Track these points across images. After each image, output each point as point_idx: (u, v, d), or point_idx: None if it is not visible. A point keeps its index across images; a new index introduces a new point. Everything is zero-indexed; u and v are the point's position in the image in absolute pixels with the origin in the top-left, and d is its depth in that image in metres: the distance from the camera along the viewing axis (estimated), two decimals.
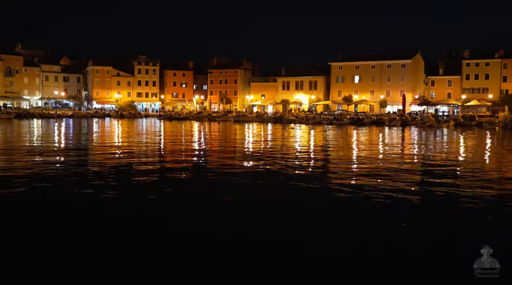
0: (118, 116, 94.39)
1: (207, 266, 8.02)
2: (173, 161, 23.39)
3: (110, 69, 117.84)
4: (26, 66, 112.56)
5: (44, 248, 8.80)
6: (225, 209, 12.16)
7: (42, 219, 10.85)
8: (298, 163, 22.21)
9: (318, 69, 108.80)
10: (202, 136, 44.38)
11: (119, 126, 60.23)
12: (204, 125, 68.65)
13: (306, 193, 14.38)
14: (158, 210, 11.97)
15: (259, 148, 30.63)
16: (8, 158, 22.77)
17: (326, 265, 8.15)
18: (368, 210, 12.07)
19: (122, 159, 23.35)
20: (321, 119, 79.57)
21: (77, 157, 23.52)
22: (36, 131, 46.57)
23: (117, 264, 8.01)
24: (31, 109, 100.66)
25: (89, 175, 17.57)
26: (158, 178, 17.35)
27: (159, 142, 34.91)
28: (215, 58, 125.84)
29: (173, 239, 9.40)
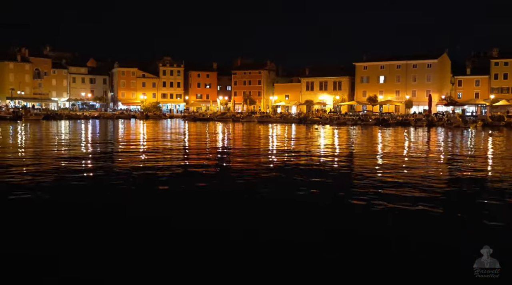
0: (143, 117, 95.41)
1: (229, 264, 8.01)
2: (196, 161, 23.49)
3: (135, 70, 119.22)
4: (54, 68, 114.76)
5: (67, 247, 8.91)
6: (246, 208, 12.14)
7: (68, 218, 11.00)
8: (322, 164, 22.06)
9: (342, 69, 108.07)
10: (225, 136, 44.51)
11: (144, 127, 60.87)
12: (228, 126, 68.85)
13: (328, 194, 14.26)
14: (181, 209, 12.02)
15: (283, 149, 30.54)
16: (37, 158, 23.20)
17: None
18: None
19: (146, 159, 23.55)
20: (346, 119, 78.97)
21: (103, 157, 23.82)
22: (64, 132, 47.38)
23: (136, 262, 8.07)
24: (59, 110, 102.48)
25: (114, 174, 17.75)
26: (181, 177, 17.43)
27: (183, 143, 35.13)
28: (239, 59, 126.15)
29: (196, 239, 9.42)
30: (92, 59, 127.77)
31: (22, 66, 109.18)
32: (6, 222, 10.61)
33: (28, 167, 19.42)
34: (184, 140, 38.17)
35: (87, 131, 49.80)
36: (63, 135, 42.39)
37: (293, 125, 70.29)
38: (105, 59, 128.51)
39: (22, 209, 11.87)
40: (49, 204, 12.54)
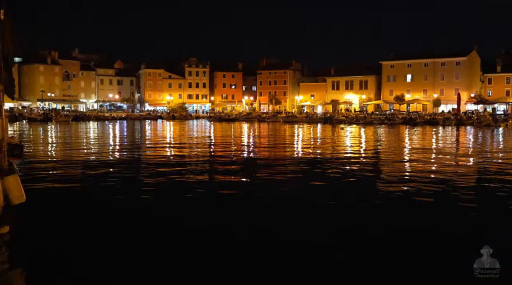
0: (169, 118, 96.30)
1: (251, 263, 7.99)
2: (221, 160, 23.54)
3: (161, 71, 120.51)
4: (82, 70, 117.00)
5: (85, 246, 9.01)
6: (269, 209, 12.10)
7: (94, 215, 11.15)
8: (348, 163, 21.85)
9: (368, 68, 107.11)
10: (251, 136, 44.55)
11: (170, 128, 61.42)
12: (253, 126, 68.92)
13: (353, 195, 14.11)
14: (202, 209, 12.05)
15: (308, 148, 30.39)
16: (67, 157, 23.62)
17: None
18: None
19: (172, 159, 23.72)
20: (372, 119, 78.23)
21: (130, 157, 24.10)
22: (92, 133, 48.18)
23: (161, 260, 8.11)
24: (87, 111, 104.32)
25: (140, 173, 17.94)
26: (207, 177, 17.49)
27: (209, 143, 35.29)
28: (264, 59, 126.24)
29: (213, 238, 9.42)
30: (119, 61, 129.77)
31: (52, 69, 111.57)
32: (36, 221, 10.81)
33: (57, 165, 19.79)
34: (210, 140, 38.35)
35: (115, 132, 50.50)
36: (92, 136, 43.08)
37: (319, 125, 69.94)
38: (132, 61, 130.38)
39: (51, 207, 12.08)
40: (77, 200, 12.74)
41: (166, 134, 48.57)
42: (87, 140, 37.07)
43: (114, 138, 40.49)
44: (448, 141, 37.46)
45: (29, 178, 15.26)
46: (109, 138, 40.40)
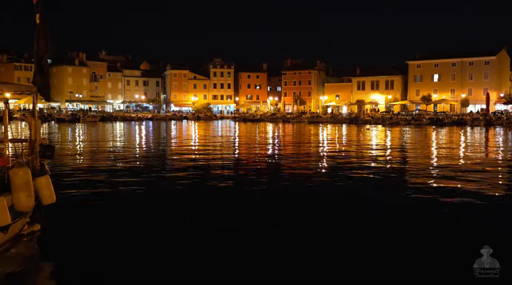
0: (194, 118, 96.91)
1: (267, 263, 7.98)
2: (246, 160, 23.58)
3: (187, 72, 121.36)
4: (109, 71, 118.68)
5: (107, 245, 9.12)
6: (292, 210, 12.07)
7: (120, 215, 11.28)
8: (374, 165, 21.64)
9: (394, 68, 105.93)
10: (275, 137, 44.50)
11: (195, 128, 61.82)
12: (278, 126, 68.86)
13: (378, 197, 13.96)
14: (229, 208, 12.09)
15: (333, 149, 30.20)
16: (94, 156, 24.00)
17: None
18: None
19: (196, 158, 23.86)
20: (398, 119, 77.29)
21: (156, 157, 24.33)
22: (119, 133, 48.82)
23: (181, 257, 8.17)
24: (114, 112, 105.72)
25: (166, 173, 18.09)
26: (232, 177, 17.55)
27: (234, 143, 35.39)
28: (289, 60, 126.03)
29: (237, 235, 9.45)
30: (145, 62, 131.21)
31: (80, 70, 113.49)
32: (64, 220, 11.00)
33: (85, 165, 20.15)
34: (235, 140, 38.45)
35: (141, 132, 51.08)
36: (119, 136, 43.67)
37: (344, 126, 69.48)
38: (158, 62, 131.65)
39: (76, 206, 12.28)
40: (104, 200, 12.92)
41: (191, 134, 48.91)
42: (114, 141, 37.58)
43: (140, 139, 40.96)
44: (476, 143, 36.75)
45: (59, 178, 15.55)
46: (135, 139, 40.89)
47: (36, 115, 9.50)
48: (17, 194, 8.10)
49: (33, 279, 7.76)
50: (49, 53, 9.51)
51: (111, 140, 38.11)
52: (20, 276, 7.70)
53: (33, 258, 8.70)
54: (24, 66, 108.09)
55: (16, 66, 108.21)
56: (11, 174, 8.11)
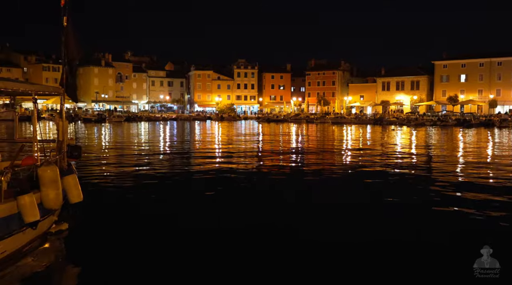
0: (218, 119, 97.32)
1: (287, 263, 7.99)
2: (270, 161, 23.60)
3: (211, 73, 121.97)
4: (134, 72, 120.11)
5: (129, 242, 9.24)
6: (316, 211, 12.04)
7: (145, 214, 11.43)
8: (398, 167, 21.41)
9: (420, 68, 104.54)
10: (299, 137, 44.38)
11: (219, 128, 62.08)
12: (301, 127, 68.65)
13: (401, 200, 13.82)
14: (250, 209, 12.12)
15: (357, 150, 29.98)
16: (119, 155, 24.33)
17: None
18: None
19: (221, 160, 23.98)
20: (424, 120, 76.26)
21: (180, 157, 24.53)
22: (144, 133, 49.36)
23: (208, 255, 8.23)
24: (139, 112, 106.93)
25: (190, 173, 18.24)
26: (254, 178, 17.59)
27: (258, 143, 35.43)
28: (313, 60, 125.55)
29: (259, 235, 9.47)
30: (170, 63, 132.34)
31: (106, 71, 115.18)
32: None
33: (111, 164, 20.47)
34: (258, 141, 38.50)
35: (165, 132, 51.53)
36: (143, 136, 44.16)
37: (368, 126, 68.88)
38: (182, 63, 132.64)
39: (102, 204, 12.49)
40: (129, 199, 13.11)
41: (215, 135, 49.13)
42: (139, 141, 38.02)
43: (165, 139, 41.33)
44: (505, 145, 36.02)
45: (85, 177, 15.83)
46: (160, 139, 41.28)
47: (63, 116, 9.69)
48: (45, 192, 8.29)
49: (59, 277, 7.92)
50: (79, 55, 9.69)
51: (136, 140, 38.56)
52: (47, 274, 7.87)
53: (60, 257, 8.89)
54: (52, 67, 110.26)
55: (44, 67, 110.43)
56: (40, 172, 8.30)
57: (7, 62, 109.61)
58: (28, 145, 11.49)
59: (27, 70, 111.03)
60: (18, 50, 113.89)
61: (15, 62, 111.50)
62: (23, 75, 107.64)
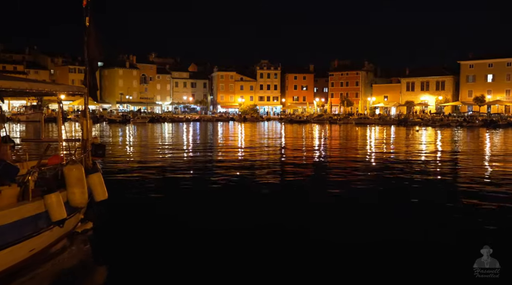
0: (241, 120, 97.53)
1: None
2: (292, 163, 23.52)
3: (233, 74, 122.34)
4: (158, 73, 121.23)
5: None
6: (337, 214, 11.96)
7: (169, 212, 11.50)
8: (422, 169, 21.12)
9: (445, 68, 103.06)
10: (322, 138, 44.16)
11: (242, 129, 62.19)
12: (324, 127, 68.32)
13: (424, 202, 13.61)
14: (272, 210, 12.10)
15: (381, 152, 29.68)
16: (145, 156, 24.58)
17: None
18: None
19: (244, 160, 23.99)
20: (449, 121, 75.11)
21: (203, 157, 24.64)
22: (168, 134, 49.76)
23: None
24: (162, 113, 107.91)
25: (212, 174, 18.30)
26: (278, 179, 17.56)
27: (280, 144, 35.38)
28: (336, 61, 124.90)
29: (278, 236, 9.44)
30: (193, 64, 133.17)
31: (130, 72, 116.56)
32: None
33: (135, 164, 20.69)
34: (281, 142, 38.43)
35: (188, 133, 51.86)
36: (167, 137, 44.52)
37: (392, 127, 68.16)
38: (205, 64, 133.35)
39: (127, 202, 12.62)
40: (153, 198, 13.22)
41: (238, 135, 49.24)
42: (162, 141, 38.34)
43: (188, 139, 41.59)
44: None
45: (110, 176, 16.01)
46: (183, 139, 41.56)
47: (87, 115, 9.81)
48: (71, 190, 8.40)
49: (85, 274, 8.03)
50: (101, 55, 9.80)
51: (160, 141, 38.90)
52: (73, 271, 7.99)
53: (87, 254, 9.03)
54: (78, 68, 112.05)
55: (70, 68, 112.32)
56: (66, 171, 8.42)
57: (35, 64, 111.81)
58: (54, 145, 11.68)
59: (54, 71, 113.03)
60: (45, 52, 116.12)
61: (42, 64, 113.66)
62: (50, 77, 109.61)
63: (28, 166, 9.60)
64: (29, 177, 7.82)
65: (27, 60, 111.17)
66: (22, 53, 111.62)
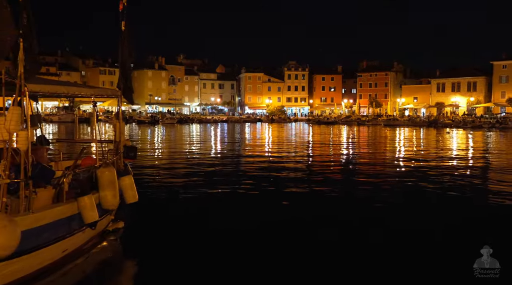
0: (268, 121, 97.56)
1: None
2: (319, 165, 23.38)
3: (261, 75, 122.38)
4: (187, 75, 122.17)
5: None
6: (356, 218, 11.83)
7: (198, 214, 11.55)
8: (453, 174, 20.71)
9: (476, 69, 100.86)
10: (350, 140, 43.80)
11: (269, 131, 62.18)
12: (352, 129, 67.76)
13: (454, 207, 13.35)
14: (302, 212, 12.04)
15: (411, 154, 29.24)
16: (174, 158, 24.80)
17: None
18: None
19: (271, 162, 23.97)
20: (481, 123, 73.51)
21: (232, 158, 24.73)
22: (196, 135, 50.12)
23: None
24: (190, 114, 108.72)
25: (240, 175, 18.34)
26: (305, 182, 17.48)
27: (308, 146, 35.25)
28: (365, 61, 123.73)
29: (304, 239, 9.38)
30: (221, 65, 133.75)
31: (159, 74, 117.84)
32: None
33: (164, 165, 20.90)
34: (309, 143, 38.28)
35: (216, 134, 52.14)
36: (195, 138, 44.84)
37: (422, 129, 67.12)
38: (233, 65, 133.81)
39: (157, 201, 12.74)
40: (182, 200, 13.31)
41: (265, 137, 49.24)
42: (191, 142, 38.63)
43: (215, 140, 41.81)
44: None
45: (140, 178, 16.20)
46: (211, 140, 41.79)
47: (120, 117, 9.95)
48: (103, 192, 8.54)
49: (116, 275, 8.15)
50: (132, 58, 9.93)
51: (188, 142, 39.21)
52: (104, 271, 8.12)
53: (117, 255, 9.15)
54: (108, 70, 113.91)
55: (101, 70, 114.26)
56: (99, 174, 8.56)
57: (67, 66, 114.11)
58: (87, 145, 11.88)
59: (85, 73, 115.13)
60: (77, 54, 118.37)
61: (74, 66, 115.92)
62: (81, 79, 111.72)
63: (61, 166, 9.80)
64: (63, 179, 7.97)
65: (59, 62, 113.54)
66: (54, 55, 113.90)
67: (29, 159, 7.04)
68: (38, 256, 7.19)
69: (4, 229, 6.08)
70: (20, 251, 6.57)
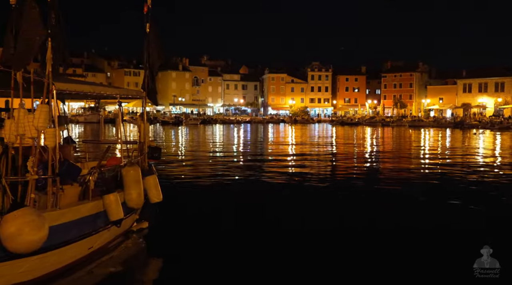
0: (291, 122, 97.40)
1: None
2: (343, 167, 23.26)
3: (284, 76, 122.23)
4: (210, 76, 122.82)
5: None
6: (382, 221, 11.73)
7: (222, 214, 11.61)
8: (479, 177, 20.37)
9: (505, 69, 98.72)
10: (374, 142, 43.42)
11: (293, 131, 62.06)
12: (377, 130, 67.14)
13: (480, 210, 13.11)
14: (323, 213, 12.01)
15: (436, 157, 28.86)
16: (198, 158, 24.99)
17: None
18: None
19: (294, 164, 23.94)
20: (510, 124, 72.02)
21: (255, 159, 24.78)
22: (219, 135, 50.37)
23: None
24: (214, 115, 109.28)
25: (263, 177, 18.37)
26: (327, 183, 17.43)
27: (331, 147, 35.09)
28: (389, 62, 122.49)
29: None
30: (244, 66, 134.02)
31: (183, 75, 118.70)
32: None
33: (188, 166, 21.08)
34: (332, 145, 38.09)
35: (239, 135, 52.26)
36: (219, 139, 45.06)
37: (448, 130, 66.11)
38: (256, 66, 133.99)
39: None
40: (206, 200, 13.41)
41: (289, 138, 49.15)
42: (214, 143, 38.83)
43: (239, 141, 41.93)
44: None
45: (164, 177, 16.37)
46: (234, 141, 41.93)
47: (145, 118, 10.07)
48: (128, 191, 8.66)
49: (140, 273, 8.25)
50: (160, 60, 10.04)
51: (212, 143, 39.41)
52: (129, 269, 8.22)
53: (142, 253, 9.28)
54: (133, 71, 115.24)
55: (126, 71, 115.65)
56: (124, 173, 8.69)
57: (92, 67, 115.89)
58: (112, 146, 12.06)
59: (110, 74, 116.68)
60: (102, 55, 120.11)
61: (99, 67, 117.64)
62: (106, 80, 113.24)
63: (87, 166, 9.97)
64: (89, 177, 8.12)
65: (85, 63, 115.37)
66: (80, 57, 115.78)
67: (56, 156, 7.19)
68: (65, 252, 7.33)
69: (33, 223, 6.22)
70: (48, 247, 6.71)
